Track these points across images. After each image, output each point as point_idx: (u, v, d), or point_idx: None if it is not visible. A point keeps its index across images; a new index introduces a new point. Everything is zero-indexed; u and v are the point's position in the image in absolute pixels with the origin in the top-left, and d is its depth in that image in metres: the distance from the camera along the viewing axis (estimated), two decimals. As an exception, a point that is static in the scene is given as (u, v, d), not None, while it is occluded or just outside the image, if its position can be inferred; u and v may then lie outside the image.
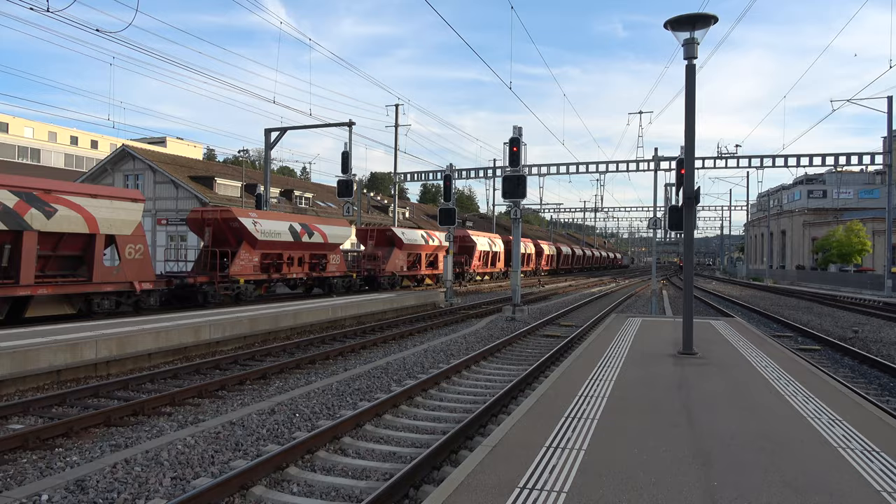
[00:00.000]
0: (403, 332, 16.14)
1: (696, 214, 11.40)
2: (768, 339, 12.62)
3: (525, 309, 20.73)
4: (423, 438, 7.32)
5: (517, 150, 19.82)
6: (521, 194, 20.12)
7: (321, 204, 55.82)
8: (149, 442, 6.81)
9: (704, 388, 7.57)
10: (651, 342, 11.56)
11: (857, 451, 5.26)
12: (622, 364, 9.12)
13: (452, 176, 26.48)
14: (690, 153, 10.07)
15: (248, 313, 15.57)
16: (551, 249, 62.94)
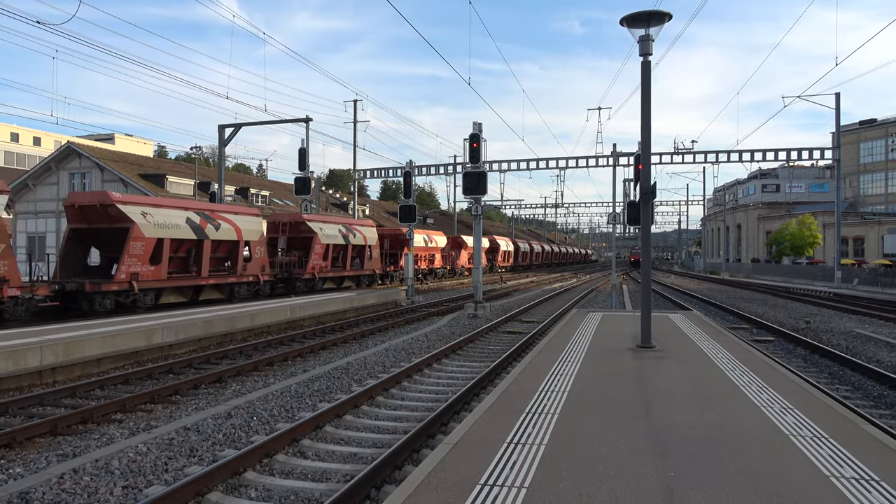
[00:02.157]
0: (364, 332, 16.07)
1: (653, 209, 11.63)
2: (724, 331, 12.98)
3: (487, 306, 20.84)
4: (385, 438, 7.31)
5: (477, 145, 19.90)
6: (481, 191, 20.21)
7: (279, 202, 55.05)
8: (98, 450, 6.62)
9: (662, 380, 7.74)
10: (611, 336, 11.76)
11: (807, 438, 5.46)
12: (583, 359, 9.26)
13: (412, 172, 26.46)
14: (647, 149, 10.27)
15: (203, 315, 15.27)
16: (508, 246, 63.61)
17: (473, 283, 21.35)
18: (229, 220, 20.84)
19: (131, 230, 17.19)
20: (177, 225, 18.68)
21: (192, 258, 19.38)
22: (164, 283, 18.14)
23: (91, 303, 15.96)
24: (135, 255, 17.24)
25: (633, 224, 18.42)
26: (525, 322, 18.89)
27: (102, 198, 17.18)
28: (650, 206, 10.37)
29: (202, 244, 19.52)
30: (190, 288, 19.56)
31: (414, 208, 25.45)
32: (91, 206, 17.20)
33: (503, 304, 24.66)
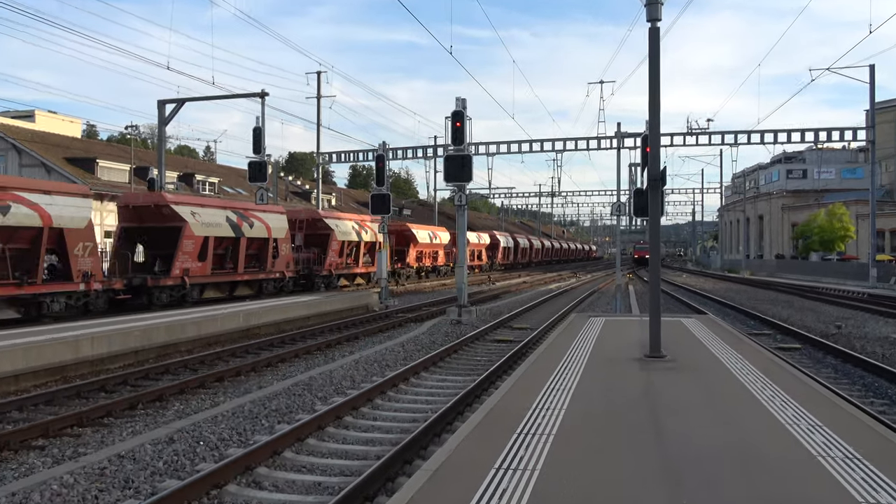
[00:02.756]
0: (330, 341, 16.05)
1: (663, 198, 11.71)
2: (744, 338, 13.11)
3: (473, 310, 20.88)
4: (354, 465, 7.29)
5: (461, 125, 19.91)
6: (466, 177, 20.22)
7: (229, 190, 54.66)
8: (15, 483, 6.52)
9: (674, 395, 7.81)
10: (615, 344, 11.83)
11: (838, 461, 5.53)
12: (582, 370, 9.30)
13: (386, 156, 26.39)
14: (656, 129, 10.34)
15: (140, 323, 15.12)
16: (508, 242, 67.37)
17: (457, 284, 21.38)
18: (260, 219, 25.37)
19: (183, 229, 21.35)
20: (219, 223, 23.03)
21: (228, 255, 23.95)
22: (208, 278, 22.55)
23: (151, 296, 20.22)
24: (186, 252, 21.39)
25: (639, 215, 18.58)
26: (517, 329, 18.93)
27: (157, 199, 21.78)
28: (660, 194, 10.44)
29: (238, 241, 24.00)
30: (227, 284, 23.97)
31: (388, 197, 25.39)
32: (145, 206, 21.61)
33: (491, 308, 24.73)
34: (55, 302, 17.25)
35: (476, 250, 58.82)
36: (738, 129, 41.30)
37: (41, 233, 16.62)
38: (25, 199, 16.33)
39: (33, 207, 16.45)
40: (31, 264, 16.66)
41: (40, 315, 16.97)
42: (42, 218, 16.61)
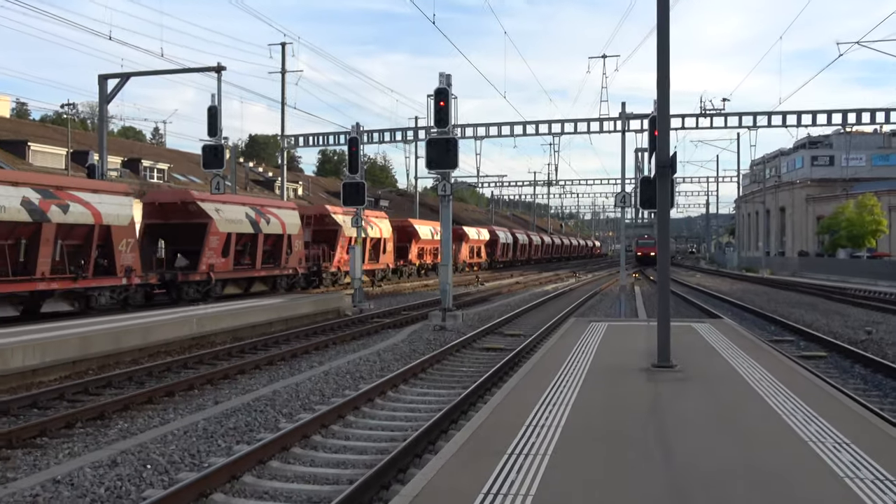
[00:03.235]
0: (296, 350, 16.02)
1: (673, 187, 11.75)
2: (764, 345, 13.22)
3: (459, 315, 20.88)
4: (324, 491, 7.28)
5: (445, 104, 19.91)
6: (451, 163, 20.23)
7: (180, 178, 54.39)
8: (-66, 514, 6.45)
9: (684, 410, 7.85)
10: (619, 353, 11.89)
11: (867, 482, 5.59)
12: (582, 382, 9.34)
13: (360, 139, 26.38)
14: (665, 109, 10.38)
15: (78, 330, 15.01)
16: (507, 238, 71.12)
17: (441, 285, 21.39)
18: (276, 215, 28.62)
19: (209, 225, 24.36)
20: (240, 220, 26.17)
21: (247, 251, 27.25)
22: (231, 274, 25.76)
23: (179, 291, 23.34)
24: (212, 248, 24.44)
25: (647, 207, 18.60)
26: (508, 336, 18.97)
27: (184, 196, 25.23)
28: (669, 183, 10.49)
29: (257, 238, 27.21)
30: (245, 279, 27.21)
31: (362, 187, 25.40)
32: (172, 203, 24.77)
33: (480, 312, 24.77)
34: (101, 296, 20.30)
35: (475, 247, 62.62)
36: (757, 109, 41.54)
37: (93, 230, 19.81)
38: (80, 199, 19.51)
39: (87, 206, 19.56)
40: (83, 260, 19.71)
41: (88, 308, 19.83)
42: (94, 216, 19.83)
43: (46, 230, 18.35)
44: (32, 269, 18.28)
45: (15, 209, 17.45)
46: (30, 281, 18.05)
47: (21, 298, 18.47)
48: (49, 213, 18.32)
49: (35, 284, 18.19)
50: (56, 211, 18.57)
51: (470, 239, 59.78)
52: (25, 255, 18.28)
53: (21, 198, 17.76)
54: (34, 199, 17.98)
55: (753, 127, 41.90)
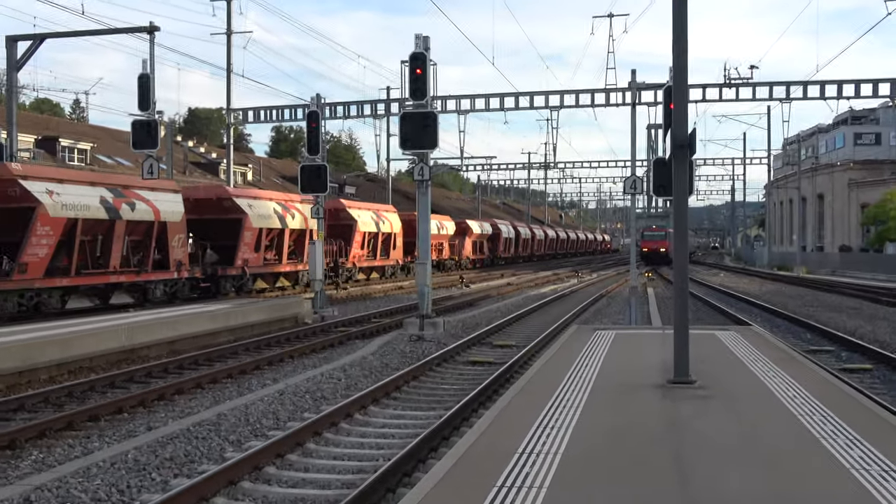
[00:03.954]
0: (245, 366, 16.00)
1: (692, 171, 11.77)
2: (799, 357, 13.32)
3: (439, 322, 20.90)
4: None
5: (422, 72, 19.91)
6: (429, 143, 20.23)
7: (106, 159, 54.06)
8: None
9: (706, 434, 7.89)
10: (628, 366, 11.94)
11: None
12: (585, 402, 9.37)
13: (321, 114, 26.31)
14: (683, 78, 10.43)
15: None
16: (510, 232, 76.89)
17: (418, 287, 21.40)
18: (300, 210, 34.10)
19: (244, 221, 29.52)
20: (270, 215, 31.70)
21: (274, 246, 32.75)
22: (261, 269, 31.52)
23: (218, 285, 28.68)
24: (246, 243, 29.79)
25: (661, 194, 18.78)
26: (498, 347, 19.02)
27: (219, 192, 31.15)
28: (688, 166, 10.54)
29: (283, 233, 32.86)
30: (272, 274, 33.27)
31: (324, 170, 25.33)
32: (206, 199, 29.77)
33: (464, 319, 24.82)
34: (157, 288, 25.44)
35: (478, 242, 68.41)
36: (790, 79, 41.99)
37: (152, 226, 24.87)
38: (142, 197, 24.65)
39: (148, 203, 24.73)
40: (143, 254, 24.91)
41: (146, 300, 24.98)
42: (154, 213, 24.92)
43: (118, 227, 23.55)
44: (106, 263, 23.47)
45: (96, 207, 22.73)
46: (104, 274, 23.50)
47: (97, 290, 24.08)
48: (121, 210, 23.56)
49: (108, 277, 23.65)
50: (126, 209, 23.81)
51: (473, 233, 65.64)
52: (101, 250, 23.36)
53: (99, 197, 22.94)
54: (109, 198, 23.32)
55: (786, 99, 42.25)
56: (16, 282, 20.54)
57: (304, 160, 26.27)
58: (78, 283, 22.59)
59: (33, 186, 21.19)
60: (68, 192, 22.10)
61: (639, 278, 27.12)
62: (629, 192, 25.28)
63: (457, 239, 61.91)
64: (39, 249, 21.23)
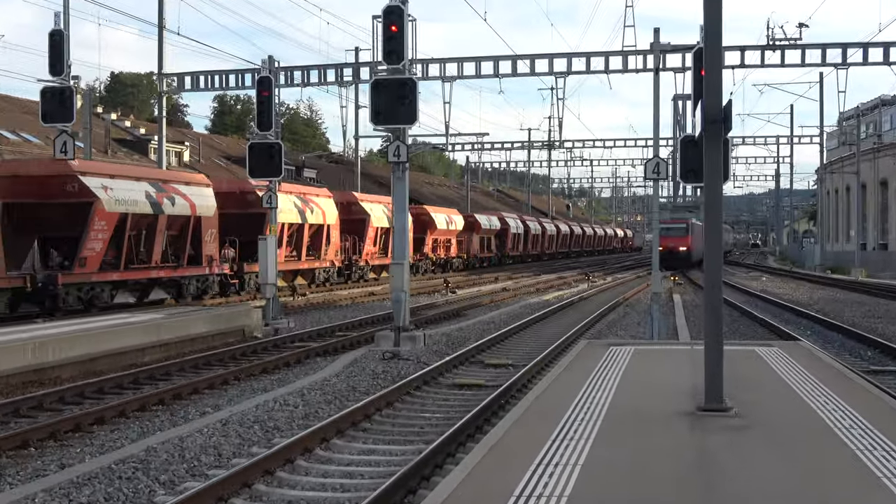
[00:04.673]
0: (181, 389, 15.97)
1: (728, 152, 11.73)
2: (858, 379, 13.33)
3: (419, 336, 20.89)
4: None
5: (399, 29, 19.91)
6: (407, 116, 20.22)
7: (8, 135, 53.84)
8: None
9: (746, 477, 7.84)
10: (649, 390, 11.94)
11: None
12: (596, 435, 9.35)
13: (275, 80, 26.21)
14: (716, 38, 10.42)
15: None
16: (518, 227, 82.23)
17: (393, 293, 21.35)
18: (318, 205, 40.12)
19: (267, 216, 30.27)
20: (290, 209, 36.70)
21: (293, 242, 38.57)
22: (281, 265, 32.70)
23: (242, 281, 35.02)
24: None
25: (690, 180, 18.74)
26: (490, 367, 19.05)
27: (243, 185, 36.45)
28: (722, 145, 10.54)
29: (302, 228, 38.73)
30: (291, 272, 38.75)
31: (278, 149, 25.23)
32: (230, 192, 35.48)
33: (450, 332, 24.79)
34: (190, 284, 30.55)
35: (486, 238, 73.69)
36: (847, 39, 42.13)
37: (189, 221, 29.84)
38: (180, 191, 29.49)
39: (185, 198, 29.63)
40: (179, 249, 30.01)
41: (180, 296, 30.14)
42: (191, 208, 29.88)
43: (161, 222, 28.15)
44: (149, 258, 28.28)
45: (143, 202, 27.22)
46: (147, 269, 28.24)
47: (140, 285, 28.69)
48: (163, 205, 28.05)
49: (150, 272, 28.36)
50: (167, 203, 28.32)
51: (481, 228, 71.21)
52: (144, 244, 27.93)
53: (144, 192, 27.48)
54: (153, 192, 27.83)
55: (843, 65, 42.34)
56: (76, 275, 25.39)
57: (254, 137, 26.17)
58: (126, 277, 27.52)
59: (91, 182, 25.89)
60: (120, 188, 26.86)
61: (662, 283, 27.13)
62: (651, 177, 25.23)
63: (465, 235, 66.47)
64: (95, 244, 26.00)
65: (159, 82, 43.82)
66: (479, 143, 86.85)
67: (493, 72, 43.23)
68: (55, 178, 27.12)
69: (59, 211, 26.07)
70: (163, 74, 43.11)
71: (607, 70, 42.09)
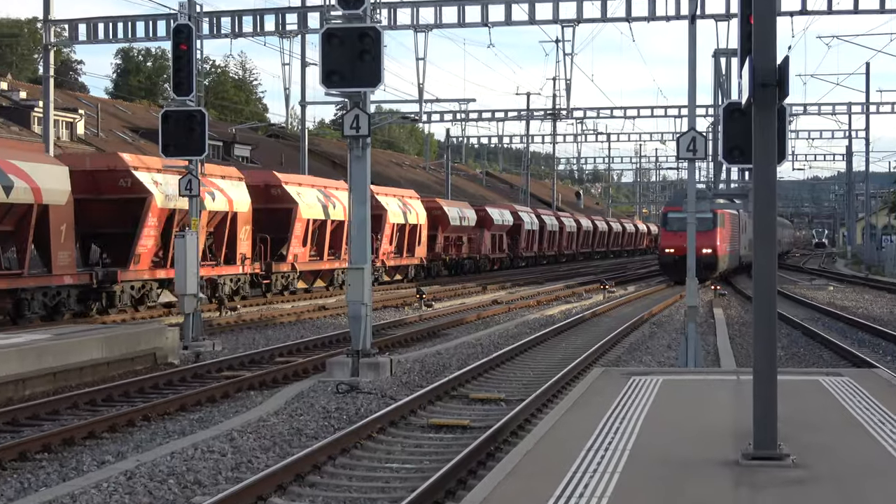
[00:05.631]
0: (72, 432, 15.87)
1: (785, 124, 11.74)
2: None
3: (385, 363, 20.91)
4: None
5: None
6: (369, 77, 20.28)
7: None
8: None
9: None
10: (682, 433, 11.96)
11: None
12: (612, 492, 9.36)
13: (196, 29, 26.12)
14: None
15: None
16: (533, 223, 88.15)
17: (350, 307, 21.32)
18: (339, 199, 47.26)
19: (294, 212, 42.75)
20: (315, 204, 45.25)
21: (315, 239, 46.55)
22: (307, 265, 45.51)
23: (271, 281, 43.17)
24: (297, 236, 43.60)
25: (735, 161, 18.83)
26: (477, 402, 19.13)
27: (268, 178, 45.15)
28: (777, 115, 10.58)
29: (325, 225, 47.32)
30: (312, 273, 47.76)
31: (200, 120, 25.13)
32: (254, 186, 41.93)
33: (424, 357, 24.82)
34: (225, 284, 36.74)
35: (498, 235, 79.91)
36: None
37: (226, 217, 35.98)
38: (217, 185, 35.34)
39: (223, 193, 35.77)
40: (216, 247, 36.23)
41: (213, 295, 35.82)
42: (228, 203, 35.98)
43: (203, 218, 31.69)
44: None
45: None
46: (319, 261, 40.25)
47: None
48: (205, 201, 31.95)
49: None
50: (209, 199, 33.34)
51: (493, 224, 76.95)
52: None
53: None
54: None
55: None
56: (132, 272, 32.24)
57: (168, 104, 26.11)
58: (171, 275, 31.83)
59: (143, 177, 32.43)
60: (167, 183, 32.42)
61: (699, 294, 27.15)
62: (685, 156, 25.25)
63: (476, 232, 72.33)
64: (147, 241, 32.70)
65: (45, 31, 43.69)
66: (462, 111, 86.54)
67: (481, 19, 43.20)
68: (107, 174, 34.09)
69: (108, 207, 33.20)
70: (50, 21, 43.00)
71: (629, 17, 42.12)
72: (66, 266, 32.76)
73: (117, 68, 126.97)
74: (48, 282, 32.11)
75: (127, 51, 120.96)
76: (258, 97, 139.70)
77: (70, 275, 32.97)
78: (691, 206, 26.18)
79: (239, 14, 44.49)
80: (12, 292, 30.01)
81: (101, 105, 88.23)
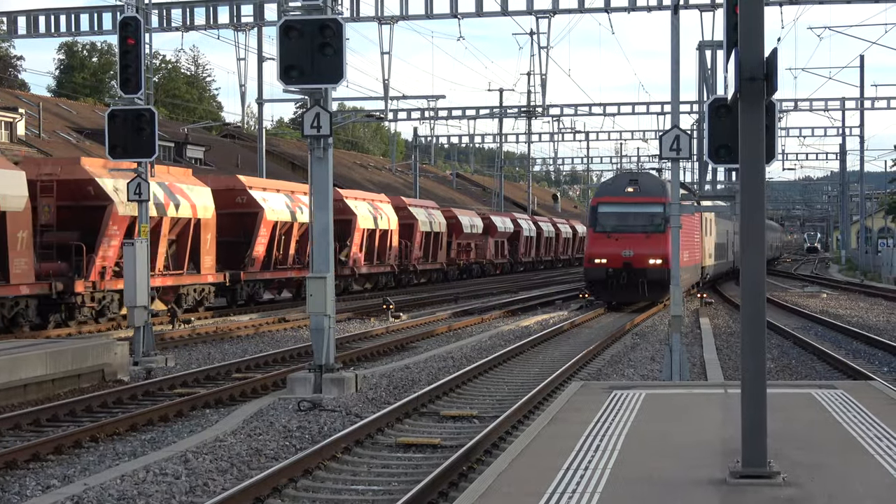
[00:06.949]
0: (16, 454, 15.76)
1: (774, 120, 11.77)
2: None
3: (349, 379, 20.91)
4: None
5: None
6: (331, 73, 20.28)
7: None
8: None
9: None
10: (666, 450, 12.00)
11: None
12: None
13: (145, 21, 26.08)
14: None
15: None
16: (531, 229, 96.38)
17: (312, 319, 21.30)
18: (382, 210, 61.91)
19: (353, 222, 56.04)
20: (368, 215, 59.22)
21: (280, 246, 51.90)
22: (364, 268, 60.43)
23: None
24: (356, 243, 57.19)
25: (721, 160, 18.91)
26: (448, 419, 19.15)
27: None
28: (764, 111, 10.63)
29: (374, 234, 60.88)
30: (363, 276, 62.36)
31: (150, 119, 25.09)
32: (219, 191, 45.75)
33: (391, 371, 24.82)
34: (189, 294, 40.66)
35: (500, 242, 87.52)
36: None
37: (189, 223, 39.80)
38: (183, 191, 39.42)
39: (187, 198, 39.64)
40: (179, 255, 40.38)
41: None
42: (192, 209, 39.64)
43: (295, 227, 48.02)
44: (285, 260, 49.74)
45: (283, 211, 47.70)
46: (285, 269, 49.28)
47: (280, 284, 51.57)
48: (296, 213, 47.69)
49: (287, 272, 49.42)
50: (297, 211, 47.38)
51: (497, 231, 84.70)
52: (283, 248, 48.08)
53: (284, 202, 48.60)
54: (288, 203, 47.90)
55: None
56: (249, 273, 44.09)
57: (115, 102, 26.03)
58: (275, 276, 48.11)
59: (257, 195, 44.28)
60: (273, 199, 45.37)
61: (685, 303, 27.22)
62: (669, 155, 25.31)
63: (481, 239, 79.07)
64: (260, 247, 44.28)
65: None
66: (431, 109, 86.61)
67: (450, 9, 43.28)
68: (229, 192, 44.92)
69: (228, 220, 43.37)
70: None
71: (608, 7, 42.27)
72: (22, 274, 32.88)
73: (60, 64, 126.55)
74: (4, 292, 32.45)
75: (70, 45, 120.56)
76: (212, 94, 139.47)
77: (27, 284, 33.25)
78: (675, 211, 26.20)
79: (191, 5, 44.44)
80: None
81: (42, 104, 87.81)
